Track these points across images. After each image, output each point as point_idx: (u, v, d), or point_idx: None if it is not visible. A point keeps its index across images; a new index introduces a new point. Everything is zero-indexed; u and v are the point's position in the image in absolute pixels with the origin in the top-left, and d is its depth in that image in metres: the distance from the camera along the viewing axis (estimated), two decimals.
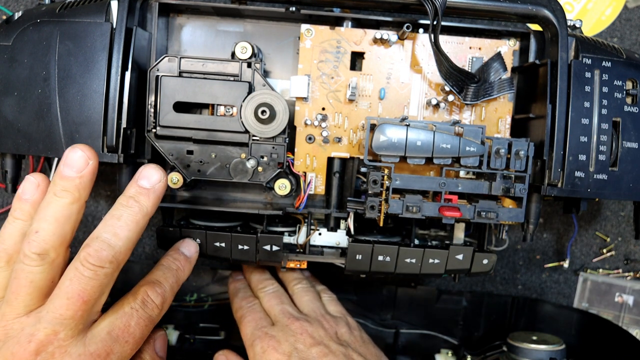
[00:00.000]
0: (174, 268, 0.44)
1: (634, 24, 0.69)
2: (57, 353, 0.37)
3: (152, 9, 0.49)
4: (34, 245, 0.37)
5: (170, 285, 0.43)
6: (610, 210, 0.70)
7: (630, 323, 0.69)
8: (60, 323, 0.37)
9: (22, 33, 0.46)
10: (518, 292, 0.72)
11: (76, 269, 0.37)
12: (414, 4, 0.46)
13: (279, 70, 0.52)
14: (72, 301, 0.37)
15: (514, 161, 0.46)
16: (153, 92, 0.46)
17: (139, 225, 0.40)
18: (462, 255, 0.50)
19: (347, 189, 0.52)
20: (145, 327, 0.40)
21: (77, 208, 0.39)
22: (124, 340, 0.39)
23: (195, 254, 0.47)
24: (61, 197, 0.38)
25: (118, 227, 0.39)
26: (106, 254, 0.37)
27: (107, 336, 0.38)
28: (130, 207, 0.40)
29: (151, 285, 0.42)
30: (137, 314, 0.40)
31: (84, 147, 0.39)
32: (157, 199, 0.41)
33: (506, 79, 0.49)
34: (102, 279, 0.37)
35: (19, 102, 0.45)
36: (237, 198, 0.53)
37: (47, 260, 0.37)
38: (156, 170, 0.41)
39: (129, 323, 0.39)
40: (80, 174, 0.39)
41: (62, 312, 0.37)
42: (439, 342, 0.67)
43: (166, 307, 0.43)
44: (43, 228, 0.38)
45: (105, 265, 0.37)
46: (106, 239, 0.38)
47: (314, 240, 0.53)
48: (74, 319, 0.37)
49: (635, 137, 0.48)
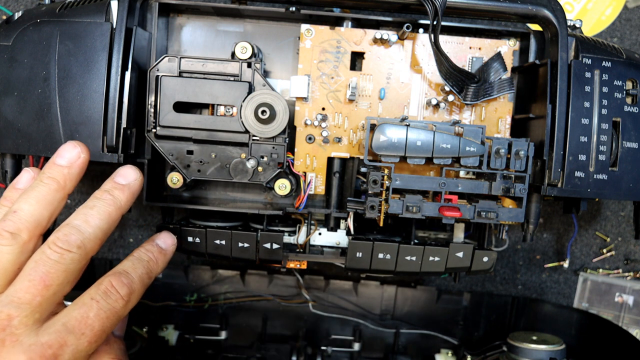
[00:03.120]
0: (145, 259, 0.42)
1: (634, 24, 0.69)
2: (7, 340, 0.35)
3: (152, 9, 0.49)
4: (8, 223, 0.37)
5: (139, 277, 0.40)
6: (610, 210, 0.70)
7: (630, 323, 0.69)
8: (17, 307, 0.35)
9: (22, 33, 0.46)
10: (518, 292, 0.72)
11: (43, 252, 0.37)
12: (414, 4, 0.46)
13: (279, 70, 0.52)
14: (33, 284, 0.36)
15: (514, 161, 0.46)
16: (153, 92, 0.46)
17: (111, 217, 0.40)
18: (462, 252, 0.50)
19: (347, 189, 0.52)
20: (107, 319, 0.37)
21: (59, 197, 0.39)
22: (80, 332, 0.36)
23: (172, 246, 0.45)
24: (47, 184, 0.39)
25: (90, 215, 0.39)
26: (75, 238, 0.37)
27: (61, 327, 0.36)
28: (103, 199, 0.40)
29: (117, 275, 0.39)
30: (97, 305, 0.37)
31: (78, 142, 0.41)
32: (131, 195, 0.41)
33: (506, 79, 0.49)
34: (69, 264, 0.37)
35: (19, 102, 0.45)
36: (237, 198, 0.53)
37: (18, 241, 0.37)
38: (133, 169, 0.42)
39: (87, 314, 0.37)
40: (70, 165, 0.40)
41: (21, 295, 0.35)
42: (439, 342, 0.67)
43: (134, 299, 0.40)
44: (21, 208, 0.38)
45: (73, 249, 0.37)
46: (76, 224, 0.38)
47: (314, 240, 0.53)
48: (31, 304, 0.35)
49: (635, 137, 0.48)
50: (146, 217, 0.69)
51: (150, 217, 0.69)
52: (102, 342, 0.38)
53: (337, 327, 0.68)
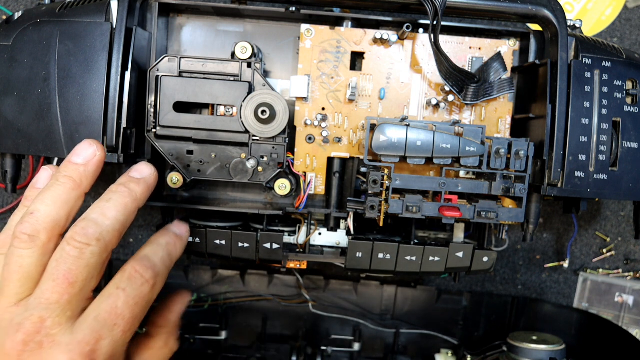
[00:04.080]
0: (163, 243, 0.42)
1: (634, 24, 0.69)
2: (45, 343, 0.35)
3: (152, 9, 0.49)
4: (26, 226, 0.36)
5: (160, 259, 0.40)
6: (610, 210, 0.70)
7: (630, 323, 0.69)
8: (47, 308, 0.35)
9: (22, 33, 0.46)
10: (518, 292, 0.72)
11: (62, 250, 0.36)
12: (414, 4, 0.46)
13: (279, 70, 0.52)
14: (58, 283, 0.35)
15: (514, 161, 0.46)
16: (153, 92, 0.46)
17: (127, 208, 0.39)
18: (462, 252, 0.50)
19: (347, 189, 0.52)
20: (136, 305, 0.38)
21: (76, 195, 0.39)
22: (112, 323, 0.36)
23: (186, 233, 0.45)
24: (63, 183, 0.38)
25: (106, 207, 0.38)
26: (92, 231, 0.36)
27: (93, 322, 0.36)
28: (119, 192, 0.40)
29: (138, 260, 0.39)
30: (124, 293, 0.37)
31: (94, 140, 0.40)
32: (147, 189, 0.41)
33: (506, 79, 0.49)
34: (89, 259, 0.36)
35: (19, 102, 0.45)
36: (237, 198, 0.53)
37: (37, 244, 0.36)
38: (147, 165, 0.42)
39: (115, 304, 0.37)
40: (86, 163, 0.39)
41: (48, 296, 0.35)
42: (439, 342, 0.67)
43: (160, 282, 0.40)
44: (38, 209, 0.37)
45: (92, 242, 0.36)
46: (93, 218, 0.37)
47: (314, 240, 0.53)
48: (60, 303, 0.35)
49: (635, 137, 0.48)
50: (146, 217, 0.69)
51: (150, 217, 0.69)
52: (136, 328, 0.38)
53: (337, 327, 0.68)
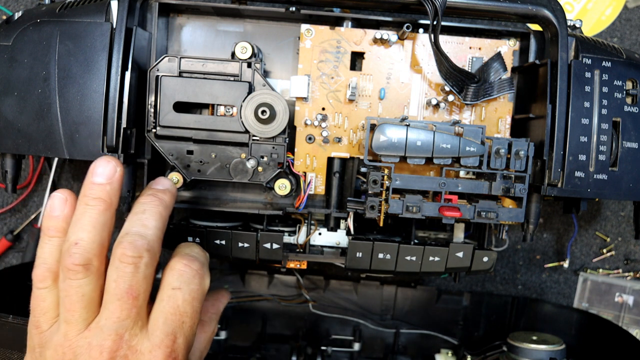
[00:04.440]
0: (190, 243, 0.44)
1: (634, 24, 0.69)
2: (129, 355, 0.37)
3: (152, 9, 0.49)
4: (76, 257, 0.37)
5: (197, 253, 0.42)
6: (610, 210, 0.70)
7: (630, 323, 0.69)
8: (121, 326, 0.37)
9: (22, 33, 0.46)
10: (518, 292, 0.72)
11: (117, 268, 0.37)
12: (414, 4, 0.46)
13: (279, 70, 0.52)
14: (124, 301, 0.37)
15: (514, 161, 0.46)
16: (153, 92, 0.46)
17: (162, 216, 0.40)
18: (462, 252, 0.50)
19: (347, 189, 0.52)
20: (194, 299, 0.39)
21: (110, 214, 0.39)
22: (180, 322, 0.38)
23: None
24: (94, 206, 0.39)
25: (144, 219, 0.39)
26: (141, 243, 0.37)
27: (163, 325, 0.38)
28: (150, 202, 0.41)
29: (181, 256, 0.41)
30: (180, 292, 0.39)
31: (110, 157, 0.40)
32: (173, 197, 0.42)
33: (506, 79, 0.49)
34: (144, 270, 0.37)
35: (19, 102, 0.45)
36: (237, 198, 0.53)
37: (91, 270, 0.37)
38: (166, 179, 0.44)
39: (176, 304, 0.38)
40: (110, 181, 0.39)
41: (118, 314, 0.37)
42: (439, 342, 0.67)
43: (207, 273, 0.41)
44: (82, 238, 0.38)
45: (143, 254, 0.37)
46: (136, 231, 0.38)
47: (314, 240, 0.53)
48: (131, 317, 0.37)
49: (635, 137, 0.48)
50: None
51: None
52: (199, 318, 0.40)
53: (337, 327, 0.68)
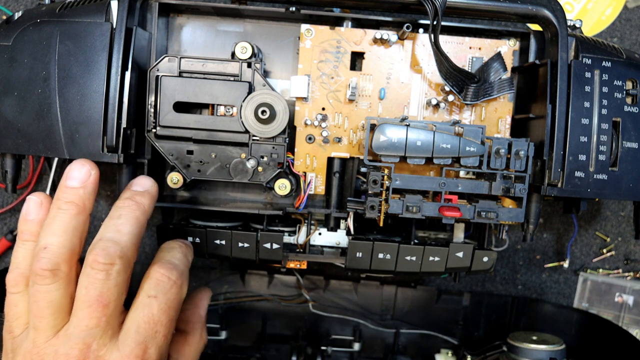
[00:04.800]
0: (175, 246, 0.43)
1: (634, 24, 0.69)
2: None
3: (152, 9, 0.49)
4: (44, 262, 0.36)
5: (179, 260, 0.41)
6: (610, 210, 0.70)
7: (630, 323, 0.69)
8: (89, 334, 0.36)
9: (22, 33, 0.46)
10: (518, 292, 0.72)
11: (88, 275, 0.36)
12: (414, 4, 0.46)
13: (279, 70, 0.52)
14: (94, 308, 0.36)
15: (514, 161, 0.46)
16: (153, 92, 0.46)
17: (139, 221, 0.40)
18: (462, 252, 0.50)
19: (347, 189, 0.52)
20: (170, 308, 0.39)
21: (82, 219, 0.39)
22: (153, 331, 0.38)
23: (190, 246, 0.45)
24: (66, 210, 0.38)
25: (119, 224, 0.39)
26: (113, 250, 0.37)
27: (135, 334, 0.37)
28: (127, 206, 0.40)
29: (160, 264, 0.40)
30: (156, 300, 0.38)
31: (84, 160, 0.40)
32: (152, 199, 0.42)
33: (506, 79, 0.49)
34: (116, 277, 0.37)
35: (19, 102, 0.45)
36: (237, 198, 0.53)
37: (60, 276, 0.37)
38: (147, 178, 0.43)
39: (151, 313, 0.38)
40: (83, 185, 0.39)
41: (87, 322, 0.36)
42: (439, 342, 0.67)
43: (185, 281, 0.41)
44: (51, 242, 0.37)
45: (115, 261, 0.36)
46: (110, 237, 0.37)
47: (314, 240, 0.53)
48: (100, 326, 0.36)
49: (635, 137, 0.48)
50: None
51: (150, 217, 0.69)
52: (173, 330, 0.39)
53: (337, 327, 0.68)
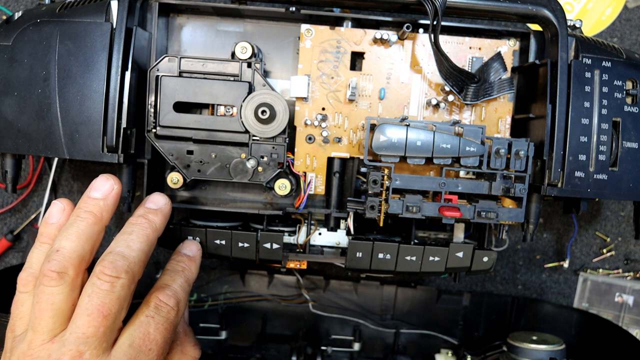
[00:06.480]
0: (179, 269, 0.44)
1: (634, 24, 0.69)
2: None
3: (152, 9, 0.49)
4: (53, 263, 0.37)
5: (180, 285, 0.43)
6: (610, 210, 0.70)
7: (630, 323, 0.69)
8: (84, 343, 0.36)
9: (22, 33, 0.46)
10: (518, 292, 0.72)
11: (93, 285, 0.37)
12: (414, 4, 0.46)
13: (279, 70, 0.52)
14: (93, 317, 0.37)
15: (514, 161, 0.46)
16: (153, 92, 0.46)
17: (149, 239, 0.41)
18: (462, 252, 0.50)
19: (347, 189, 0.52)
20: (165, 330, 0.40)
21: (98, 229, 0.40)
22: (147, 348, 0.38)
23: (198, 252, 0.47)
24: (84, 218, 0.40)
25: (130, 240, 0.40)
26: (121, 264, 0.38)
27: (129, 349, 0.38)
28: (139, 224, 0.41)
29: (160, 289, 0.42)
30: (153, 320, 0.39)
31: (109, 175, 0.42)
32: (164, 218, 0.43)
33: (506, 79, 0.49)
34: (120, 291, 0.37)
35: (19, 102, 0.45)
36: (237, 198, 0.53)
37: (66, 280, 0.37)
38: (161, 195, 0.44)
39: (147, 331, 0.39)
40: (105, 197, 0.41)
41: (84, 330, 0.36)
42: (439, 342, 0.67)
43: (182, 306, 0.42)
44: (63, 246, 0.38)
45: (121, 275, 0.37)
46: (119, 251, 0.39)
47: (314, 240, 0.53)
48: (97, 336, 0.37)
49: (635, 137, 0.48)
50: None
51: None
52: (167, 351, 0.41)
53: (337, 327, 0.68)
